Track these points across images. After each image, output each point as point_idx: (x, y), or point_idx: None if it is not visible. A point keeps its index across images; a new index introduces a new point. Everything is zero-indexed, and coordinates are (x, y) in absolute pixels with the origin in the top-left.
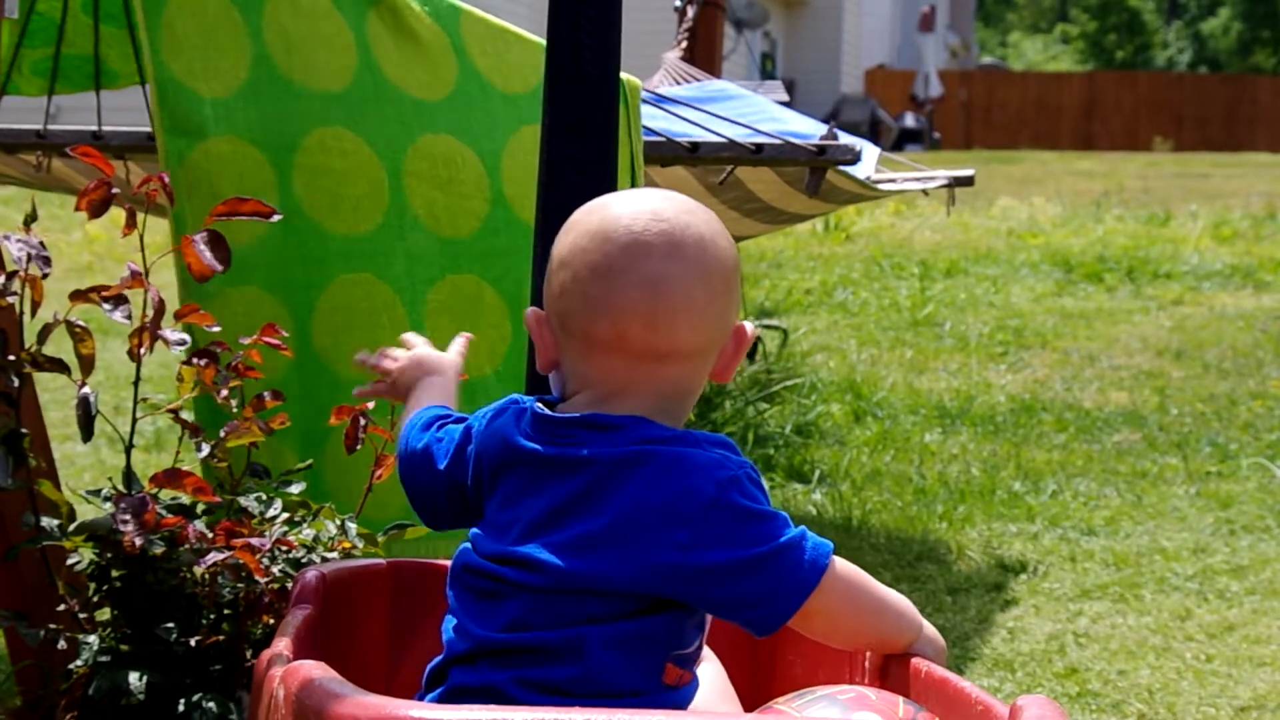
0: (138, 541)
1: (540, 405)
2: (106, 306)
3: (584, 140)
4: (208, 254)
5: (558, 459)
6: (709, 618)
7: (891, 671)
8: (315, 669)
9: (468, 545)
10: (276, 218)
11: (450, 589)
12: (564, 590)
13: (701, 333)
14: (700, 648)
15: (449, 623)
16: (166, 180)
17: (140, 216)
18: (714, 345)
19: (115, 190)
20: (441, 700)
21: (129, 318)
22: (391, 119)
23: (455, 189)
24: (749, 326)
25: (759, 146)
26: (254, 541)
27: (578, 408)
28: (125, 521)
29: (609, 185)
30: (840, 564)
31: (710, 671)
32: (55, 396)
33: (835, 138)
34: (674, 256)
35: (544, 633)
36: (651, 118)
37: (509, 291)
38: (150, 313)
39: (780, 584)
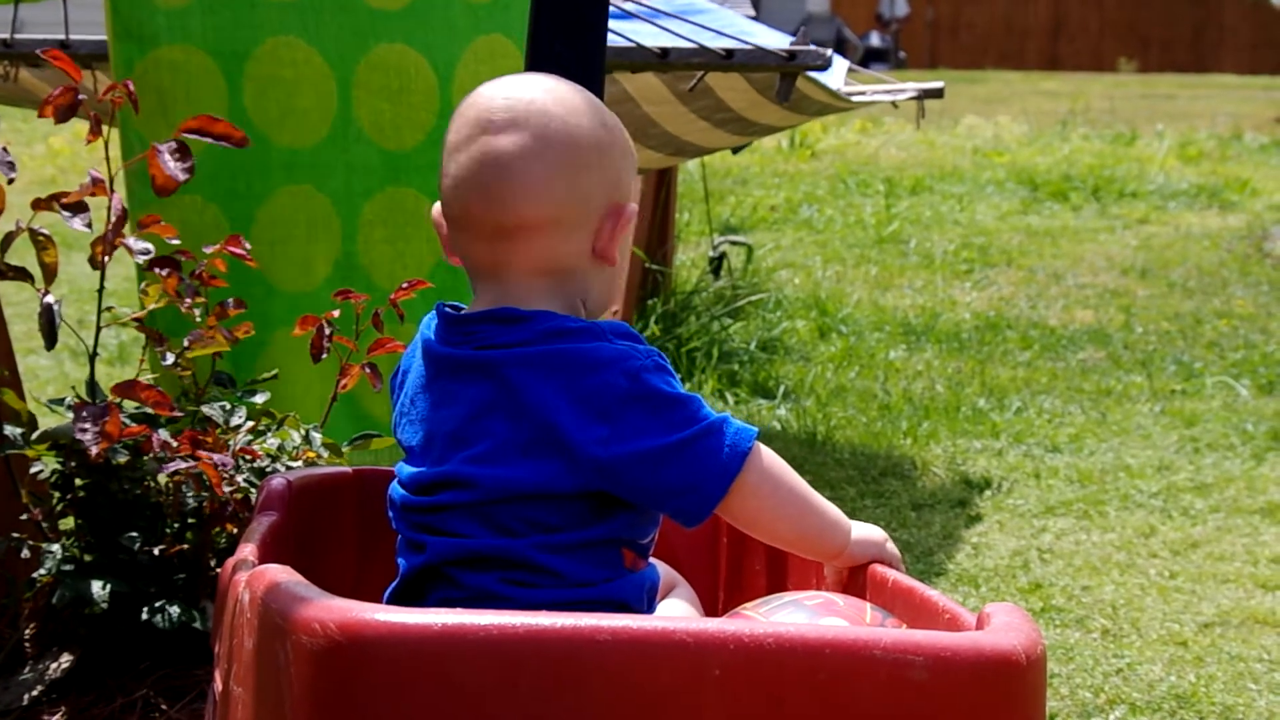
0: (94, 450)
1: (448, 308)
2: (65, 214)
3: (573, 39)
4: (171, 164)
5: (471, 361)
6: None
7: (858, 580)
8: (281, 573)
9: (395, 486)
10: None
11: (394, 522)
12: (502, 499)
13: (546, 206)
14: (654, 540)
15: (403, 549)
16: (131, 87)
17: (105, 126)
18: (569, 220)
19: (82, 96)
20: None
21: (88, 226)
22: (346, 29)
23: (404, 99)
24: (630, 205)
25: (730, 52)
26: (215, 456)
27: (484, 304)
28: (85, 430)
29: (594, 89)
30: (766, 451)
31: (682, 596)
32: (19, 310)
33: (806, 44)
34: (510, 130)
35: (500, 540)
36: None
37: None
38: (114, 220)
39: (704, 468)
